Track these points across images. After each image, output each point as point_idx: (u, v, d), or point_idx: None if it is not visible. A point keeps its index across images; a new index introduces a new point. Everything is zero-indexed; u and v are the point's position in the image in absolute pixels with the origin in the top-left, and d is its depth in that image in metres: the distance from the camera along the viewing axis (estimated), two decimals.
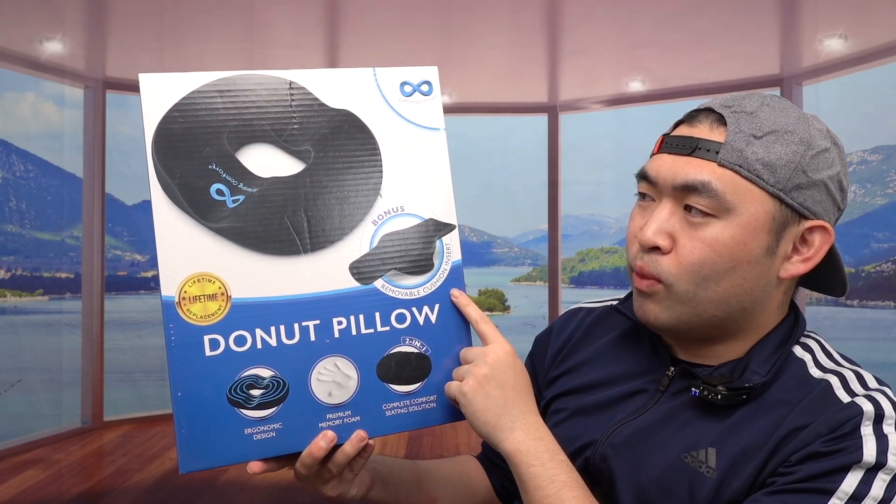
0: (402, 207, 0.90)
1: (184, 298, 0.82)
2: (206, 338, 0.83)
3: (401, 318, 0.89)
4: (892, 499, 0.69)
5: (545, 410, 0.98)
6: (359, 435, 0.84)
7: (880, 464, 0.70)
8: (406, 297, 0.90)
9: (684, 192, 0.79)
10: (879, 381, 0.78)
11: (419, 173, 0.91)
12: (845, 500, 0.69)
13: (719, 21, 4.55)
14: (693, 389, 0.81)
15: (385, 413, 0.88)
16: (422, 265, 0.90)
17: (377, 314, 0.88)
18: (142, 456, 4.62)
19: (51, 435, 4.97)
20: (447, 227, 0.92)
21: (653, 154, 0.85)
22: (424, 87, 0.93)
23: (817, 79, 5.19)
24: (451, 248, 0.92)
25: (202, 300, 0.83)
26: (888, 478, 0.69)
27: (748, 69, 5.33)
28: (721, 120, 0.80)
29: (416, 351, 0.89)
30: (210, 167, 0.84)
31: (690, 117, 0.84)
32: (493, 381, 0.82)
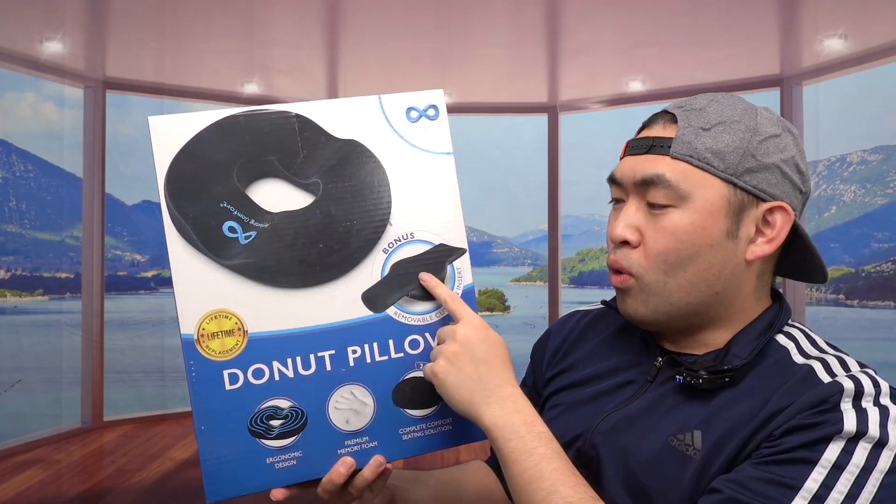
0: (411, 234, 0.90)
1: (202, 336, 0.84)
2: (226, 372, 0.85)
3: (414, 344, 0.90)
4: (873, 467, 0.70)
5: (543, 408, 1.00)
6: (377, 460, 0.87)
7: (861, 433, 0.71)
8: (419, 324, 0.90)
9: (644, 187, 0.84)
10: (862, 365, 0.80)
11: (428, 199, 0.91)
12: (829, 468, 0.70)
13: (719, 21, 4.55)
14: (678, 377, 0.83)
15: (402, 437, 0.89)
16: None
17: (391, 341, 0.89)
18: (142, 456, 4.63)
19: (51, 435, 4.98)
20: (458, 252, 0.92)
21: (620, 159, 0.91)
22: (431, 112, 0.93)
23: (817, 79, 5.20)
24: (462, 273, 0.92)
25: (220, 336, 0.85)
26: (869, 446, 0.71)
27: (748, 69, 5.34)
28: (673, 119, 0.87)
29: None
30: (221, 205, 0.86)
31: (649, 121, 0.90)
32: (464, 357, 0.82)
